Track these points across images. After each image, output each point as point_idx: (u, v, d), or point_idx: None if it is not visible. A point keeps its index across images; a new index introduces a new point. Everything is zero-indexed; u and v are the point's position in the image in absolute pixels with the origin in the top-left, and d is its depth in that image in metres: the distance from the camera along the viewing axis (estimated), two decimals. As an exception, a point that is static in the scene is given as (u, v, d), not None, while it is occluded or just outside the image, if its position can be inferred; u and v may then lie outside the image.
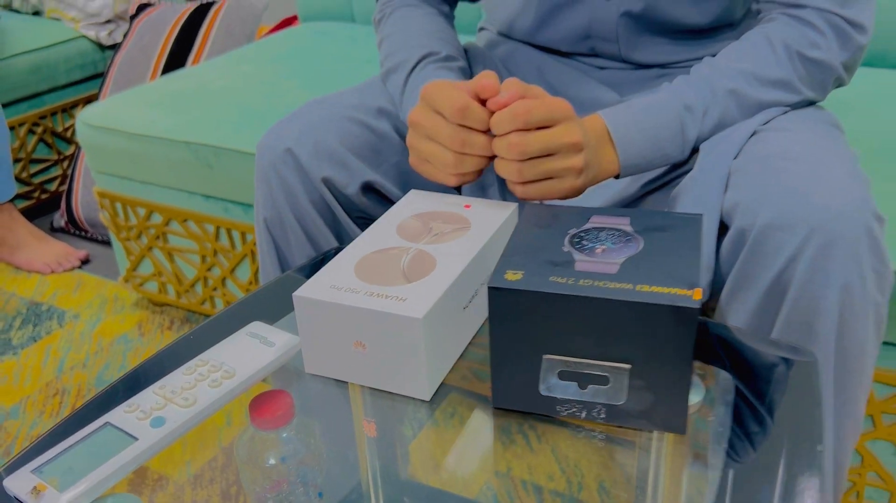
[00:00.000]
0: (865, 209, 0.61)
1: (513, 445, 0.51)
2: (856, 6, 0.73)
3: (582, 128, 0.66)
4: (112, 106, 1.33)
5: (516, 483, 0.49)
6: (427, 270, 0.56)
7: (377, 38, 0.90)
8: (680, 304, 0.45)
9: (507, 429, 0.52)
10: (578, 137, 0.64)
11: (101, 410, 0.53)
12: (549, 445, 0.51)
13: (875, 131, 1.02)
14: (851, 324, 0.63)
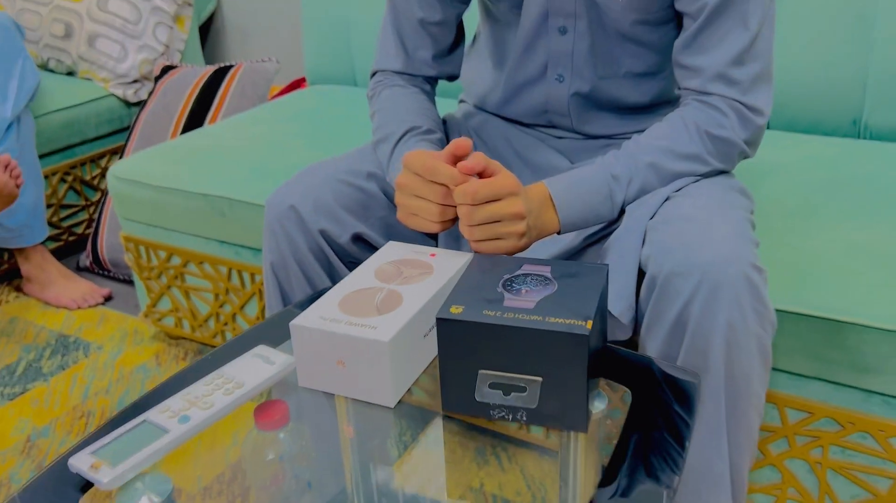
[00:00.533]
0: (744, 261, 0.77)
1: (486, 465, 0.67)
2: (755, 94, 0.90)
3: (526, 199, 0.82)
4: (138, 161, 1.51)
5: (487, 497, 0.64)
6: (395, 305, 0.72)
7: (370, 110, 1.08)
8: (575, 332, 0.61)
9: (483, 451, 0.68)
10: (520, 209, 0.80)
11: (139, 411, 0.69)
12: (519, 466, 0.66)
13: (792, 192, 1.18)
14: (737, 353, 0.78)
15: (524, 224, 0.81)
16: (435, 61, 1.08)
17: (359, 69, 1.79)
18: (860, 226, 1.05)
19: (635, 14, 0.93)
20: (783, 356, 0.96)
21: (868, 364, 0.91)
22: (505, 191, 0.79)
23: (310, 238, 0.95)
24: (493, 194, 0.78)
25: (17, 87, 1.74)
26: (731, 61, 0.89)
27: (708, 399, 0.81)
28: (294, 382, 0.75)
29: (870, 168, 1.23)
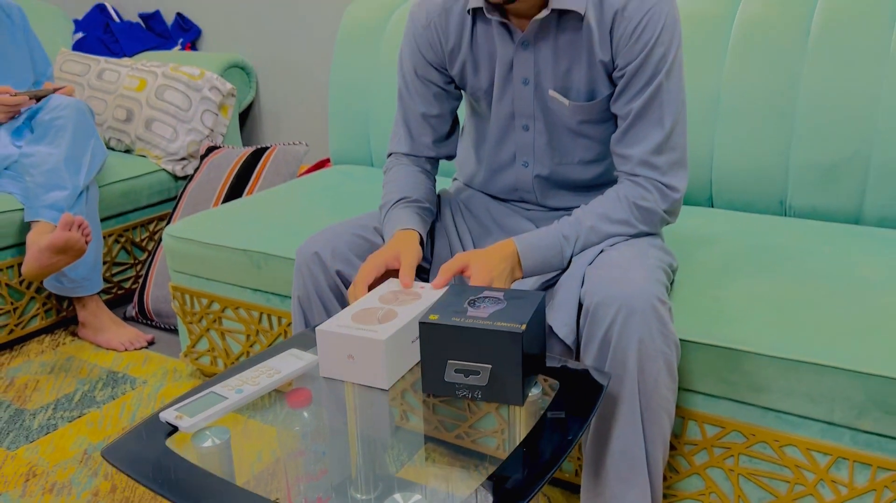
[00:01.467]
0: (652, 296, 1.05)
1: (455, 427, 0.93)
2: (671, 176, 1.20)
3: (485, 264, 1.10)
4: (189, 223, 1.82)
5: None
6: (391, 318, 1.00)
7: (383, 182, 1.38)
8: (513, 331, 0.88)
9: (453, 416, 0.94)
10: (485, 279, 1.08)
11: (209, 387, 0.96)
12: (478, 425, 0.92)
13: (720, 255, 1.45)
14: (647, 364, 1.05)
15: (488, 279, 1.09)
16: (434, 145, 1.38)
17: (375, 152, 2.11)
18: (766, 280, 1.32)
19: (580, 115, 1.24)
20: (699, 379, 1.22)
21: (761, 384, 1.17)
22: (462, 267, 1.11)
23: (329, 277, 1.24)
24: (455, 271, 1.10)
25: (89, 162, 2.06)
26: (652, 151, 1.19)
27: (626, 400, 1.07)
28: (315, 376, 1.02)
29: (786, 238, 1.51)
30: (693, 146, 1.69)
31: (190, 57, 2.64)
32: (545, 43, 1.20)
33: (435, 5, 1.29)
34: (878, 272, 1.32)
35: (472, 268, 1.10)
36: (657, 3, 1.15)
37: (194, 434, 0.89)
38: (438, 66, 1.32)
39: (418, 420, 0.99)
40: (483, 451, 1.27)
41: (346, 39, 2.14)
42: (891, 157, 1.52)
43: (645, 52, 1.16)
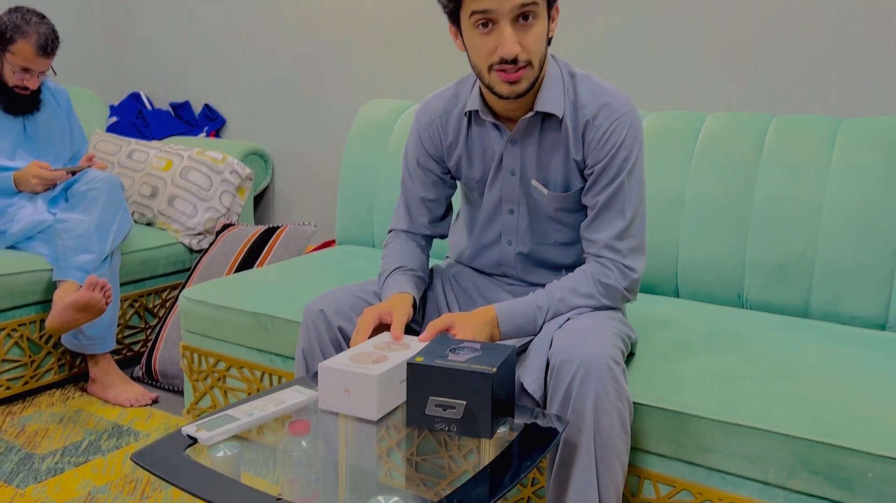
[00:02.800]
0: (608, 357, 1.22)
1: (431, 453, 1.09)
2: (631, 259, 1.39)
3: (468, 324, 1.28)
4: (204, 287, 2.00)
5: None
6: (384, 361, 1.17)
7: (382, 254, 1.57)
8: (484, 372, 1.05)
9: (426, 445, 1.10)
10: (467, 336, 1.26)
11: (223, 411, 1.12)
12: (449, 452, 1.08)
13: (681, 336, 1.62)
14: (602, 417, 1.21)
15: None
16: (430, 225, 1.58)
17: (377, 234, 2.32)
18: (717, 358, 1.49)
19: (556, 204, 1.44)
20: (653, 440, 1.37)
21: (707, 446, 1.32)
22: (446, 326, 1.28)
23: (331, 333, 1.41)
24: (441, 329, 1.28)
25: (116, 230, 2.26)
26: (615, 237, 1.38)
27: (583, 448, 1.22)
28: (315, 410, 1.18)
29: (740, 326, 1.68)
30: (660, 241, 1.90)
31: (214, 143, 2.89)
32: (530, 140, 1.42)
33: (437, 107, 1.52)
34: (815, 355, 1.50)
35: (456, 328, 1.28)
36: (622, 115, 1.38)
37: (210, 446, 1.04)
38: (438, 159, 1.54)
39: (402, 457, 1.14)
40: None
41: (359, 134, 2.39)
42: (833, 258, 1.72)
43: (610, 154, 1.37)
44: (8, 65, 2.25)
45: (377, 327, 1.33)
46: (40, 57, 2.25)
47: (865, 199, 1.70)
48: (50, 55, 2.27)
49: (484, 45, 1.30)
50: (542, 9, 1.30)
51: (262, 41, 2.94)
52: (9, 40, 2.22)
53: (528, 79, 1.32)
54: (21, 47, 2.22)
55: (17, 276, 2.18)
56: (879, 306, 1.70)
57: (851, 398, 1.31)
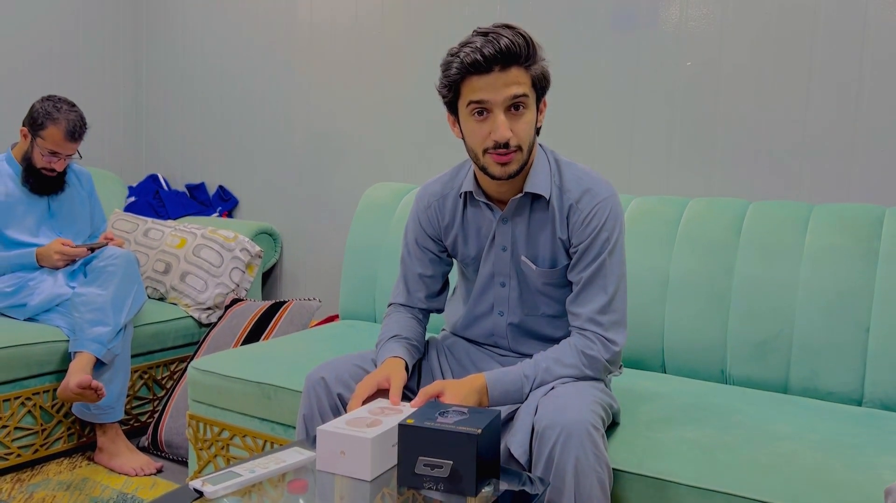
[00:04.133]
0: (587, 423, 1.30)
1: None
2: (612, 332, 1.49)
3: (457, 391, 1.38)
4: (212, 358, 2.09)
5: None
6: (377, 425, 1.26)
7: (381, 325, 1.67)
8: (469, 433, 1.14)
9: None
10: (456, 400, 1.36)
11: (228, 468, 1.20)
12: None
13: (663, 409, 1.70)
14: (582, 480, 1.29)
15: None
16: (427, 300, 1.69)
17: (379, 310, 2.43)
18: (696, 429, 1.56)
19: (544, 279, 1.56)
20: (634, 506, 1.44)
21: (684, 512, 1.39)
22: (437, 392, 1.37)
23: (331, 399, 1.50)
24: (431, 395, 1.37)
25: (130, 304, 2.38)
26: (597, 311, 1.49)
27: (565, 509, 1.29)
28: (313, 470, 1.26)
29: (721, 400, 1.76)
30: (646, 318, 2.00)
31: (226, 222, 3.04)
32: (520, 219, 1.55)
33: (435, 191, 1.65)
34: (788, 426, 1.57)
35: (446, 394, 1.37)
36: (604, 200, 1.50)
37: (214, 500, 1.12)
38: (435, 238, 1.66)
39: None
40: None
41: (363, 215, 2.53)
42: (808, 336, 1.81)
43: (593, 235, 1.49)
44: (38, 148, 2.42)
45: (375, 394, 1.42)
46: (68, 142, 2.42)
47: (837, 280, 1.81)
48: (77, 140, 2.44)
49: (479, 130, 1.44)
50: (532, 101, 1.45)
51: (275, 128, 3.13)
52: (40, 126, 2.39)
53: (517, 162, 1.45)
54: (51, 132, 2.39)
55: (34, 347, 2.28)
56: (855, 382, 1.78)
57: (819, 466, 1.39)
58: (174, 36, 3.41)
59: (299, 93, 3.04)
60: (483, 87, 1.40)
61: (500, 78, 1.39)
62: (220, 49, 3.26)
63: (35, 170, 2.47)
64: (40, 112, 2.41)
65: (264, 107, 3.15)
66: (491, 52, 1.38)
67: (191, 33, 3.35)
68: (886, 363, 1.74)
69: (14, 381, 2.25)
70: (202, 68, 3.33)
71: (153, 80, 3.50)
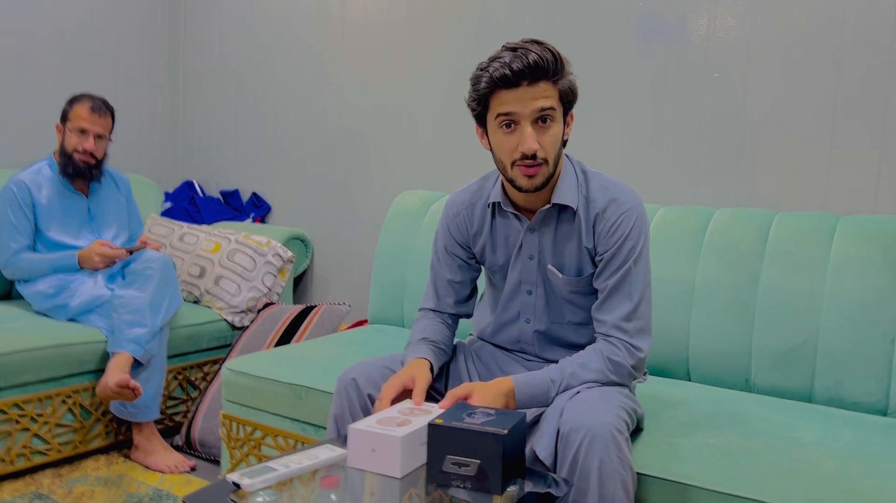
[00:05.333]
0: (612, 426, 1.34)
1: None
2: (637, 339, 1.52)
3: (484, 393, 1.42)
4: (245, 360, 2.15)
5: None
6: (407, 424, 1.30)
7: (411, 329, 1.72)
8: (496, 433, 1.18)
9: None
10: (484, 402, 1.40)
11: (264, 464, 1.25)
12: None
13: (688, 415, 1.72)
14: (606, 482, 1.32)
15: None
16: (455, 305, 1.74)
17: (407, 315, 2.47)
18: (719, 435, 1.59)
19: (570, 287, 1.59)
20: (657, 510, 1.46)
21: (707, 516, 1.41)
22: (464, 395, 1.41)
23: (361, 399, 1.55)
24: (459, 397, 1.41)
25: (167, 307, 2.45)
26: (622, 318, 1.52)
27: (588, 510, 1.32)
28: (344, 466, 1.31)
29: (745, 408, 1.78)
30: (672, 327, 2.02)
31: (259, 228, 3.11)
32: (547, 229, 1.59)
33: (464, 200, 1.70)
34: (811, 434, 1.59)
35: (474, 396, 1.41)
36: (629, 209, 1.54)
37: (251, 492, 1.18)
38: (464, 245, 1.71)
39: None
40: None
41: (393, 222, 2.58)
42: (833, 346, 1.83)
43: (618, 244, 1.53)
44: (68, 133, 2.56)
45: (401, 394, 1.46)
46: (94, 115, 2.54)
47: (863, 290, 1.82)
48: (102, 115, 2.56)
49: (507, 142, 1.48)
50: (559, 114, 1.49)
51: (307, 137, 3.20)
52: (68, 110, 2.58)
53: (543, 174, 1.49)
54: (77, 111, 2.55)
55: (74, 347, 2.36)
56: (880, 392, 1.79)
57: (840, 473, 1.40)
58: (210, 47, 3.50)
59: (331, 103, 3.11)
60: (511, 101, 1.45)
61: (528, 92, 1.44)
62: (254, 59, 3.35)
63: (70, 158, 2.56)
64: (67, 101, 2.57)
65: (297, 116, 3.23)
66: (519, 66, 1.42)
67: (227, 45, 3.44)
68: (912, 374, 1.75)
69: (55, 380, 2.33)
70: (237, 78, 3.41)
71: (190, 90, 3.59)
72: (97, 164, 2.61)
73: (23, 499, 2.16)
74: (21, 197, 2.56)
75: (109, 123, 2.60)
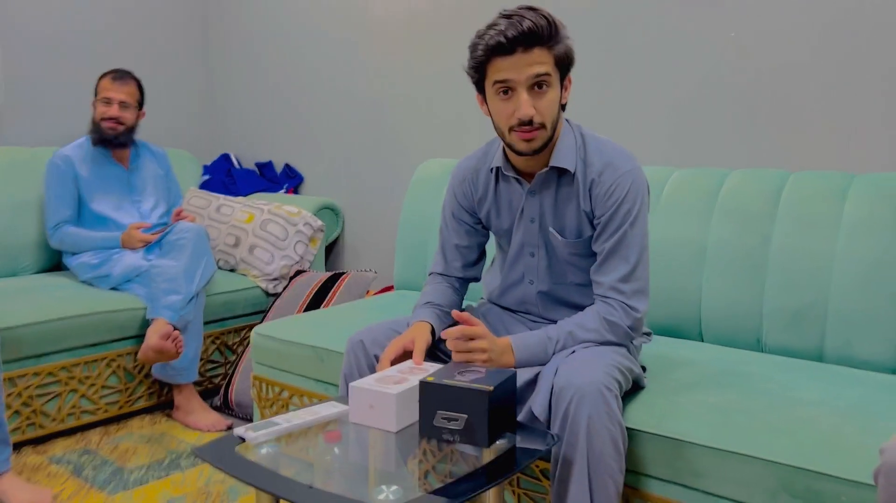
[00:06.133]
0: (601, 384, 1.38)
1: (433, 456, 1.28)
2: (634, 300, 1.55)
3: (492, 342, 1.48)
4: (273, 324, 2.26)
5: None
6: (404, 382, 1.37)
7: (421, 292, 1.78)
8: (482, 390, 1.24)
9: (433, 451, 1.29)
10: (484, 346, 1.46)
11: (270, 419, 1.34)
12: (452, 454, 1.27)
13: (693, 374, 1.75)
14: (594, 436, 1.37)
15: (486, 355, 1.46)
16: (463, 268, 1.80)
17: (429, 281, 2.54)
18: (720, 393, 1.61)
19: (570, 249, 1.63)
20: (652, 465, 1.50)
21: (700, 471, 1.45)
22: (477, 335, 1.46)
23: (368, 360, 1.63)
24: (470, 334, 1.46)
25: (200, 274, 2.57)
26: (619, 280, 1.56)
27: (577, 464, 1.38)
28: (346, 422, 1.39)
29: (753, 368, 1.79)
30: (684, 287, 2.04)
31: (292, 199, 3.21)
32: (547, 192, 1.62)
33: (469, 167, 1.75)
34: (813, 393, 1.60)
35: (478, 341, 1.47)
36: (625, 173, 1.56)
37: (256, 444, 1.27)
38: (470, 211, 1.76)
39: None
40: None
41: (416, 189, 2.64)
42: (843, 306, 1.82)
43: (614, 207, 1.56)
44: (97, 104, 2.73)
45: (402, 356, 1.54)
46: (115, 83, 2.70)
47: (874, 250, 1.81)
48: (124, 83, 2.70)
49: (504, 109, 1.52)
50: (555, 79, 1.52)
51: (337, 110, 3.27)
52: (96, 85, 2.75)
53: (541, 138, 1.53)
54: (101, 83, 2.74)
55: (117, 314, 2.50)
56: (889, 351, 1.78)
57: (834, 431, 1.42)
58: (243, 23, 3.59)
59: (359, 76, 3.17)
60: (507, 68, 1.48)
61: (523, 58, 1.47)
62: (286, 35, 3.42)
63: (99, 127, 2.70)
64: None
65: (328, 90, 3.29)
66: (514, 33, 1.45)
67: (259, 21, 3.52)
68: (922, 332, 1.74)
69: (100, 345, 2.48)
70: (270, 54, 3.50)
71: (224, 66, 3.69)
72: (126, 131, 2.73)
73: (73, 453, 2.32)
74: (66, 170, 2.71)
75: (133, 90, 2.72)
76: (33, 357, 2.34)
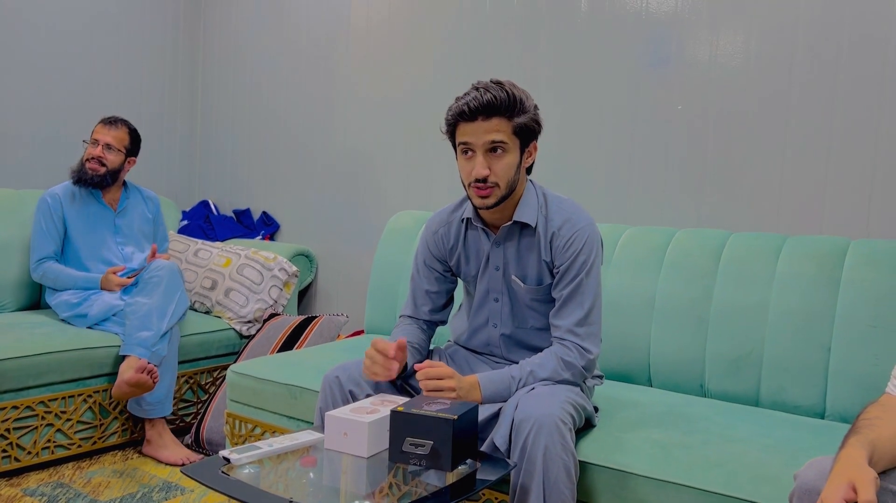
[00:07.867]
0: (556, 417, 1.53)
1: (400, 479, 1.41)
2: (588, 342, 1.72)
3: (459, 380, 1.62)
4: (248, 364, 2.37)
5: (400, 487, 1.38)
6: (375, 413, 1.50)
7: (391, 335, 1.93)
8: (447, 418, 1.38)
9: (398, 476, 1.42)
10: (452, 385, 1.60)
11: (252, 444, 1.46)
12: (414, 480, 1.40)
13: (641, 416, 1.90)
14: (550, 465, 1.51)
15: (454, 393, 1.60)
16: (431, 313, 1.95)
17: (398, 326, 2.68)
18: (663, 431, 1.77)
19: (531, 295, 1.79)
20: (601, 495, 1.65)
21: (643, 499, 1.59)
22: (446, 374, 1.61)
23: (343, 395, 1.76)
24: (438, 375, 1.60)
25: (173, 311, 2.67)
26: (575, 324, 1.72)
27: (534, 492, 1.51)
28: (321, 448, 1.51)
29: (695, 410, 1.96)
30: (635, 336, 2.21)
31: (268, 245, 3.34)
32: (511, 243, 1.79)
33: (442, 219, 1.92)
34: (745, 433, 1.77)
35: (447, 381, 1.61)
36: (581, 228, 1.74)
37: (239, 466, 1.38)
38: (441, 259, 1.92)
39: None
40: None
41: (388, 239, 2.80)
42: (777, 354, 2.01)
43: (571, 258, 1.73)
44: (87, 146, 2.87)
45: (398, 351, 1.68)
46: (105, 127, 2.85)
47: (803, 304, 2.00)
48: (113, 127, 2.85)
49: (465, 167, 1.71)
50: (512, 146, 1.70)
51: (314, 162, 3.44)
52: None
53: (495, 196, 1.71)
54: (95, 127, 2.89)
55: (95, 350, 2.59)
56: (818, 397, 1.96)
57: (760, 464, 1.58)
58: (227, 78, 3.77)
59: (335, 131, 3.35)
60: (469, 132, 1.67)
61: (482, 126, 1.66)
62: (266, 89, 3.60)
63: (83, 166, 2.84)
64: None
65: (305, 142, 3.47)
66: (475, 104, 1.64)
67: (241, 75, 3.70)
68: (845, 380, 1.93)
69: (77, 380, 2.56)
70: (250, 106, 3.67)
71: (206, 115, 3.86)
72: (108, 173, 2.85)
73: (46, 487, 2.38)
74: (53, 208, 2.82)
75: (122, 136, 2.85)
76: (13, 391, 2.42)
